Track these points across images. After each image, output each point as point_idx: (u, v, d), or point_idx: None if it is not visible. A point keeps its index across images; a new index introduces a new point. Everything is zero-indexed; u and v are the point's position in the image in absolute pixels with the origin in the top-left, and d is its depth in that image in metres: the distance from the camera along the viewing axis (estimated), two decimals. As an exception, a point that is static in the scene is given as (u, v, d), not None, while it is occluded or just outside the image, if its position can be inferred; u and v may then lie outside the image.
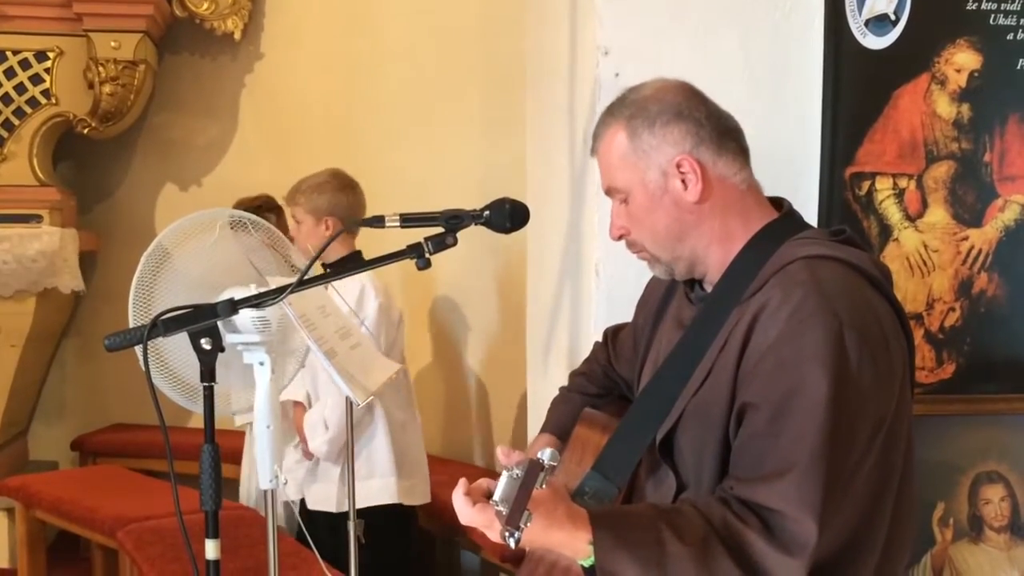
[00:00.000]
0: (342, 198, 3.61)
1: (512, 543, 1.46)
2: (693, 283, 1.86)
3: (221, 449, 2.00)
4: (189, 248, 2.31)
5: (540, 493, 1.50)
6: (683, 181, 1.73)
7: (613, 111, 1.80)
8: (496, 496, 1.47)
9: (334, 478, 3.58)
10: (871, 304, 1.66)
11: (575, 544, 1.55)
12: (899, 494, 1.67)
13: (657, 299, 1.96)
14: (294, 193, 3.67)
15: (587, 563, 1.57)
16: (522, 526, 1.45)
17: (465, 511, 1.54)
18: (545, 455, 1.50)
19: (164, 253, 2.25)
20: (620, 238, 1.82)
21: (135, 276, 2.20)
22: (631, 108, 1.77)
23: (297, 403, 3.66)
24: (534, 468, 1.47)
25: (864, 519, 1.62)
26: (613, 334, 2.20)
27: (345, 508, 3.09)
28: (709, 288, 1.80)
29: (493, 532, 1.49)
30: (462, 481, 1.57)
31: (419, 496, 3.71)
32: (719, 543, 1.53)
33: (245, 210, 3.72)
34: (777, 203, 1.84)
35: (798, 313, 1.59)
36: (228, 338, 2.15)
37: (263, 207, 4.26)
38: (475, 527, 1.54)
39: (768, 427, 1.58)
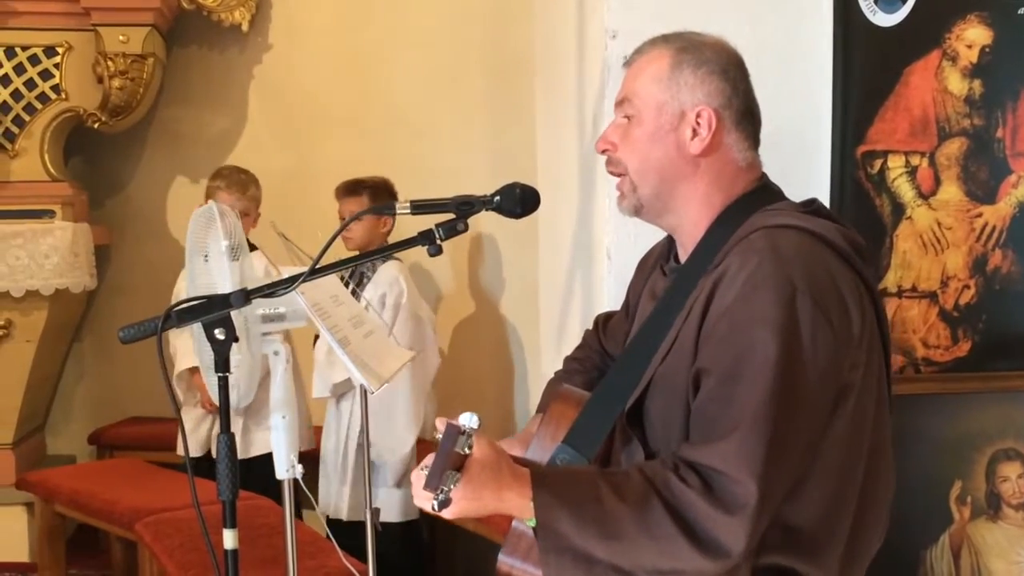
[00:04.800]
0: None
1: (436, 505, 1.48)
2: (668, 256, 1.88)
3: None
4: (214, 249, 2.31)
5: (479, 455, 1.52)
6: (694, 131, 1.74)
7: (668, 38, 1.80)
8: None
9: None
10: (830, 271, 1.65)
11: (520, 503, 1.56)
12: (868, 467, 1.68)
13: (644, 277, 1.98)
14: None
15: (532, 523, 1.58)
16: (444, 488, 1.47)
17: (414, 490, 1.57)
18: (470, 421, 1.51)
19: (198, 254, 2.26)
20: (604, 152, 1.82)
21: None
22: (686, 42, 1.78)
23: (193, 368, 3.89)
24: (451, 431, 1.49)
25: (837, 490, 1.63)
26: (604, 320, 2.21)
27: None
28: (683, 259, 1.81)
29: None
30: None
31: None
32: (659, 502, 1.54)
33: (370, 187, 4.03)
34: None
35: (752, 279, 1.60)
36: (256, 327, 2.15)
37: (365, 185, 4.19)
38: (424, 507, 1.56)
39: (718, 391, 1.59)
